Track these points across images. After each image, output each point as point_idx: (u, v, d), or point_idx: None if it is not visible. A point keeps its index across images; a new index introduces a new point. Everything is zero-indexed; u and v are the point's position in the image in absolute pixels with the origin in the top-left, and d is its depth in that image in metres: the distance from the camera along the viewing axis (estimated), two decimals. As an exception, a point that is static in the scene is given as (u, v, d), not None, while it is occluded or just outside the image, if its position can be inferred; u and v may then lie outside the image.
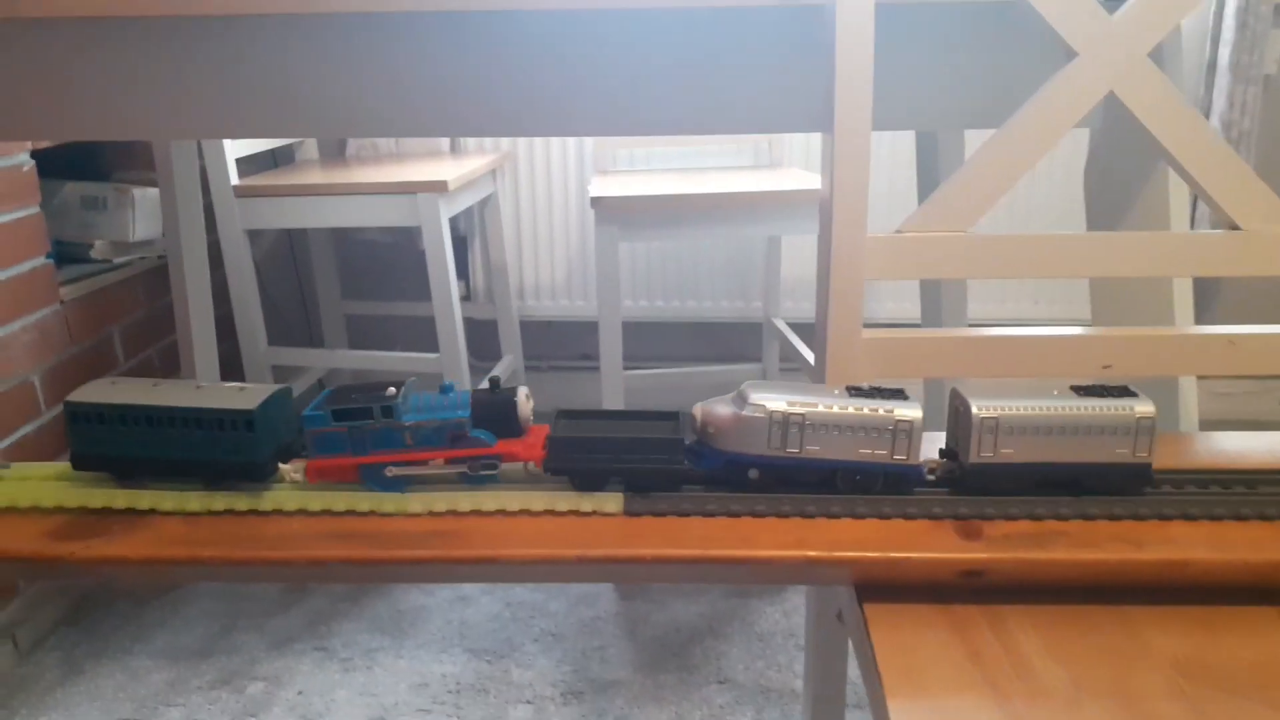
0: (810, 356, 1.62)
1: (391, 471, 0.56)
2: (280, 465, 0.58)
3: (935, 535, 0.52)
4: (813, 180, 1.60)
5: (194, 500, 0.55)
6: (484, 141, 1.94)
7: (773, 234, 1.78)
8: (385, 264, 2.10)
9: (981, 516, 0.53)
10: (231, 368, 1.74)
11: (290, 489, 0.56)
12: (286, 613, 1.49)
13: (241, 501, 0.55)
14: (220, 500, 0.55)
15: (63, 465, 0.59)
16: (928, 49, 0.80)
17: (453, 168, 1.67)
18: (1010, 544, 0.51)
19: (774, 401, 0.56)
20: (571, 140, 1.88)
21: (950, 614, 0.49)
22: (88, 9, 0.77)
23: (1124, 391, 0.57)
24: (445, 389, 0.57)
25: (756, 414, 0.55)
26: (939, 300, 1.39)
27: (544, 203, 1.94)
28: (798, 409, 0.55)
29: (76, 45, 0.83)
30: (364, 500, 0.55)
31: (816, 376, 0.70)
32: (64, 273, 1.53)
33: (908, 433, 0.55)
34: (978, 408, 0.55)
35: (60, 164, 1.57)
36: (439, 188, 1.54)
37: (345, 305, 2.04)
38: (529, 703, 1.28)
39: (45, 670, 1.37)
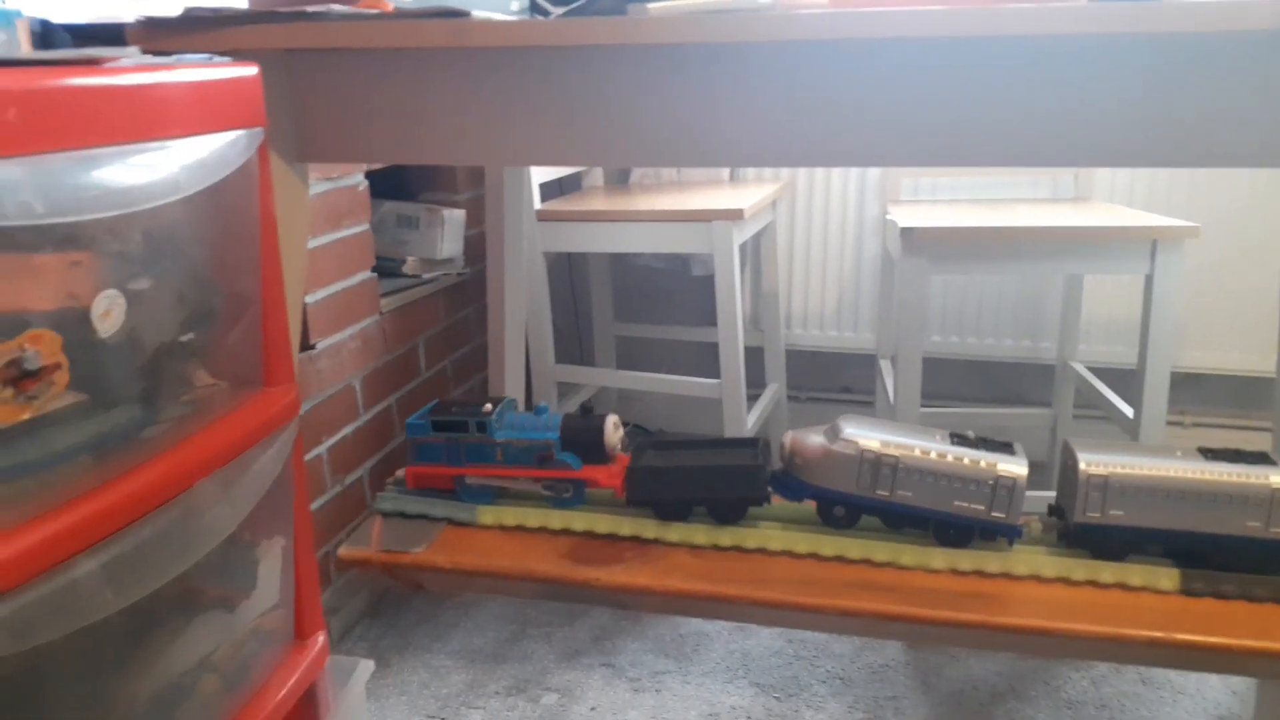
0: (1124, 407, 1.51)
1: (474, 481, 0.58)
2: None
3: None
4: (1132, 216, 1.49)
5: (700, 534, 0.55)
6: (763, 170, 1.94)
7: (1078, 271, 1.68)
8: (657, 289, 2.14)
9: None
10: (518, 382, 1.80)
11: (804, 530, 0.54)
12: (572, 625, 1.52)
13: (750, 539, 0.54)
14: (727, 536, 0.55)
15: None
16: None
17: (743, 196, 1.67)
18: None
19: (867, 439, 0.53)
20: (854, 170, 1.85)
21: None
22: (525, 39, 0.80)
23: (1261, 458, 0.49)
24: (539, 410, 0.59)
25: (847, 450, 0.53)
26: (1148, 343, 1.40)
27: (819, 231, 1.92)
28: (891, 450, 0.52)
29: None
30: (880, 550, 0.53)
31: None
32: (381, 285, 1.64)
33: (1009, 489, 0.50)
34: (1085, 464, 0.50)
35: (377, 184, 1.68)
36: (734, 215, 1.54)
37: (617, 327, 2.09)
38: (830, 748, 1.25)
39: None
